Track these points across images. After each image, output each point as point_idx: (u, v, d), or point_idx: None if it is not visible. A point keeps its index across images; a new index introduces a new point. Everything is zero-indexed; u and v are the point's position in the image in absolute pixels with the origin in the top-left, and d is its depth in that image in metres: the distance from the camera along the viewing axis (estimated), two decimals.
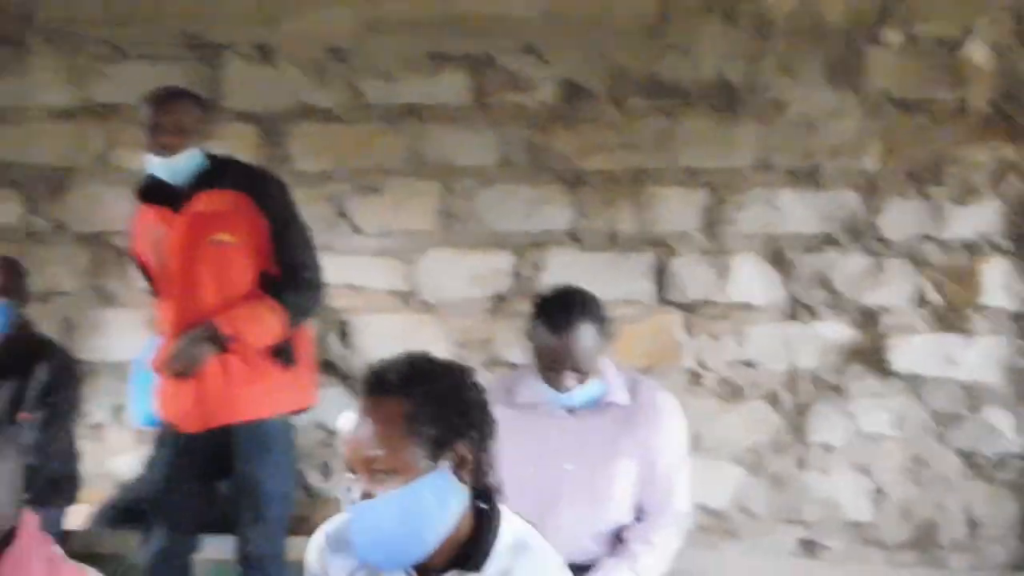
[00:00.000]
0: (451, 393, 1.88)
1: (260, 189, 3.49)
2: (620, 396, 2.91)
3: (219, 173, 3.48)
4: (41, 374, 3.68)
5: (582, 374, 2.80)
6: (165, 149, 3.39)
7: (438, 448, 1.84)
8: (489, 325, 4.64)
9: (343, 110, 4.73)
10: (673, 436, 2.99)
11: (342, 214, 4.74)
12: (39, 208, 4.96)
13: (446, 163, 4.67)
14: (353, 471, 1.87)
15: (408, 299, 4.70)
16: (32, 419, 3.59)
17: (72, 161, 4.92)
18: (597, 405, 2.89)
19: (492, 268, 4.63)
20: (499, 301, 4.65)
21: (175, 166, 3.43)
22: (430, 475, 1.83)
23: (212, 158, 3.53)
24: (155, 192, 3.50)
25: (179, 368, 3.32)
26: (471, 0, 4.63)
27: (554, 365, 2.78)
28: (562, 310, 2.81)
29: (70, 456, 3.91)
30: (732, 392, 4.53)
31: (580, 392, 2.83)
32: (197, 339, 3.35)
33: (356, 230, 4.73)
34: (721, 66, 4.50)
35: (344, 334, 4.72)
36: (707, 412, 4.50)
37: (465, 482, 1.88)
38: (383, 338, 4.69)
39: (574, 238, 4.59)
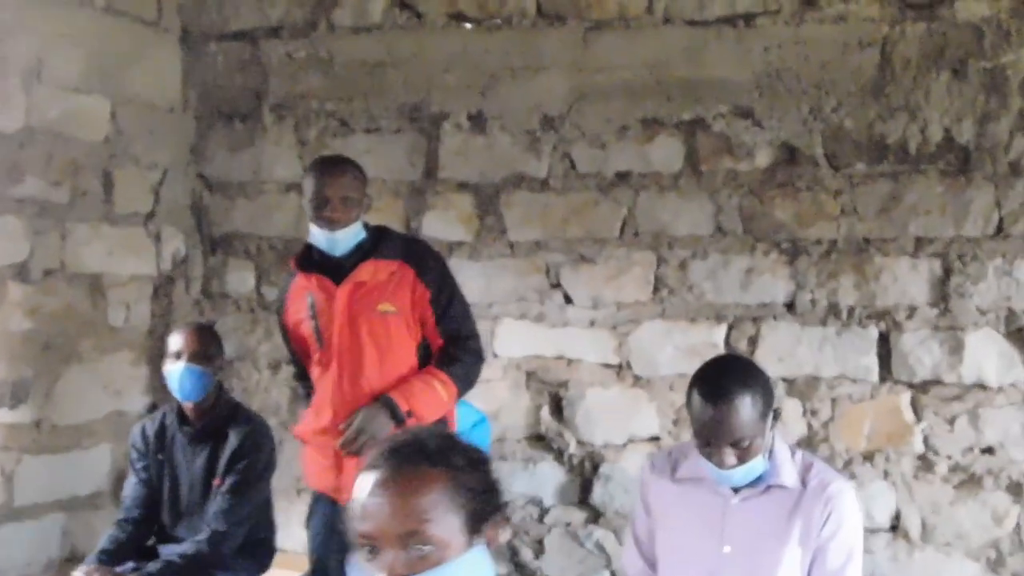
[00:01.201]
0: (482, 468, 1.82)
1: (420, 259, 3.60)
2: (789, 478, 2.80)
3: (379, 243, 3.59)
4: (233, 440, 3.80)
5: (742, 450, 2.71)
6: (332, 223, 3.49)
7: (476, 523, 1.77)
8: None
9: (556, 179, 4.82)
10: (846, 527, 2.83)
11: (555, 284, 4.83)
12: (270, 278, 5.30)
13: (660, 232, 4.67)
14: (372, 548, 1.73)
15: (620, 372, 4.73)
16: (224, 485, 3.77)
17: (301, 232, 5.22)
18: (764, 486, 2.82)
19: (705, 341, 4.59)
20: None
21: (339, 238, 3.52)
22: (469, 552, 1.75)
23: (370, 228, 3.64)
24: (315, 261, 3.60)
25: (360, 445, 3.38)
26: (684, 64, 4.63)
27: (711, 439, 2.70)
28: (718, 380, 2.72)
29: (263, 523, 4.02)
30: (968, 481, 4.29)
31: (742, 471, 2.75)
32: (375, 415, 3.41)
33: (569, 300, 4.80)
34: (951, 126, 4.29)
35: (557, 408, 4.80)
36: (939, 502, 4.31)
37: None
38: (596, 412, 4.75)
39: (792, 311, 4.49)
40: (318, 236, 3.53)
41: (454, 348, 3.60)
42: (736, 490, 2.83)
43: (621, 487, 4.68)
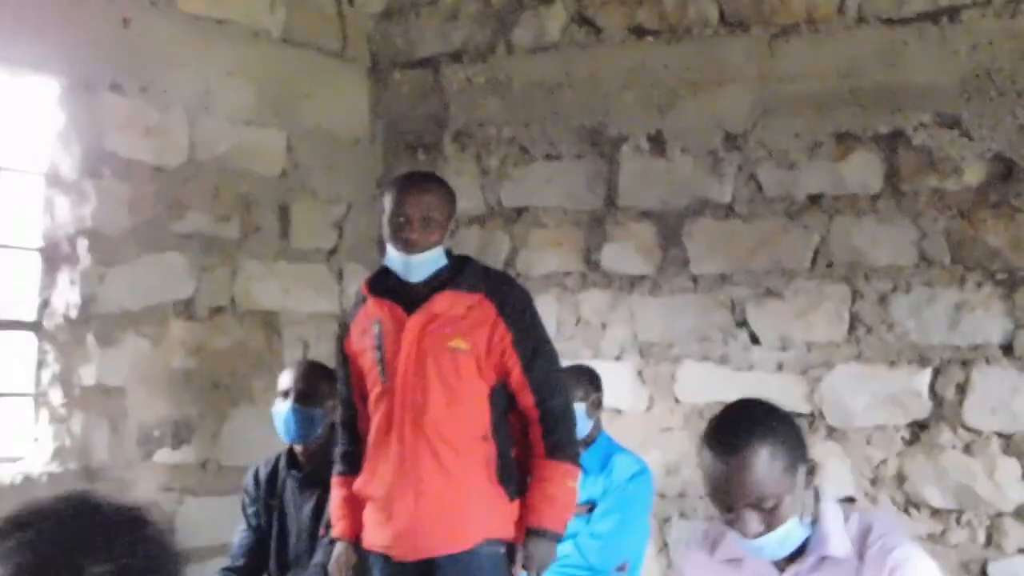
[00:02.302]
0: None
1: (505, 295, 3.29)
2: (838, 548, 2.33)
3: (460, 273, 3.30)
4: None
5: (767, 514, 2.26)
6: (409, 245, 3.22)
7: None
8: (904, 459, 4.08)
9: (741, 204, 4.45)
10: None
11: (741, 323, 4.44)
12: None
13: (856, 262, 4.21)
14: None
15: (813, 423, 4.28)
16: (328, 535, 3.60)
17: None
18: (814, 558, 2.36)
19: (908, 388, 4.07)
20: (918, 429, 4.07)
21: (416, 264, 3.25)
22: None
23: (452, 256, 3.37)
24: (388, 287, 3.35)
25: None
26: (880, 69, 4.17)
27: (725, 501, 2.29)
28: (729, 429, 2.30)
29: None
30: None
31: (774, 540, 2.29)
32: (548, 551, 3.30)
33: (755, 340, 4.40)
34: None
35: None
36: None
37: None
38: None
39: (1009, 354, 3.92)
40: (394, 259, 3.27)
41: (552, 421, 3.28)
42: (782, 568, 2.40)
43: None
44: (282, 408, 3.67)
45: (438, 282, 3.28)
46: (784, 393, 4.32)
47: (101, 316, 4.45)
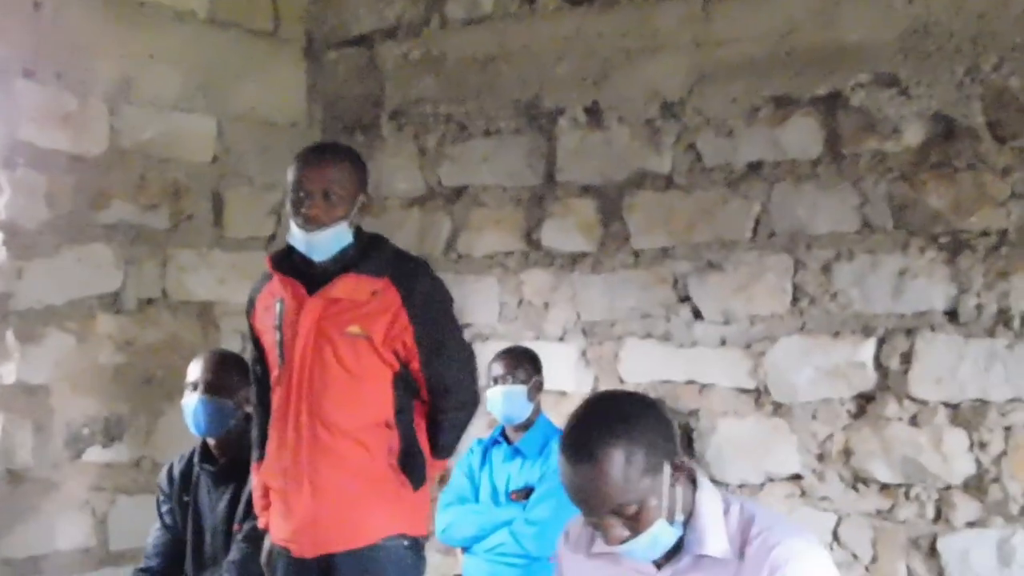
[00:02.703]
0: None
1: (411, 282, 3.09)
2: (715, 546, 2.17)
3: (367, 254, 3.11)
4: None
5: (631, 519, 2.10)
6: (309, 221, 3.00)
7: None
8: (850, 434, 3.94)
9: (680, 175, 4.30)
10: None
11: (684, 298, 4.30)
12: None
13: (797, 231, 4.06)
14: None
15: (759, 399, 4.14)
16: (242, 532, 3.45)
17: (423, 249, 4.93)
18: (691, 557, 2.19)
19: (852, 360, 3.92)
20: (863, 402, 3.93)
21: (317, 242, 3.04)
22: None
23: (362, 236, 3.16)
24: (294, 264, 3.13)
25: None
26: (815, 29, 4.01)
27: (584, 508, 2.12)
28: (583, 434, 2.12)
29: None
30: None
31: (642, 544, 2.13)
32: None
33: (697, 315, 4.26)
34: None
35: (688, 441, 4.24)
36: None
37: None
38: (730, 446, 4.18)
39: (954, 320, 3.77)
40: (296, 236, 3.06)
41: (442, 422, 3.15)
42: (660, 565, 2.23)
43: None
44: (191, 400, 3.53)
45: (344, 263, 3.08)
46: (728, 369, 4.19)
47: (20, 312, 4.30)
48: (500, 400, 4.08)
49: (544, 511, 3.92)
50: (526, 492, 4.02)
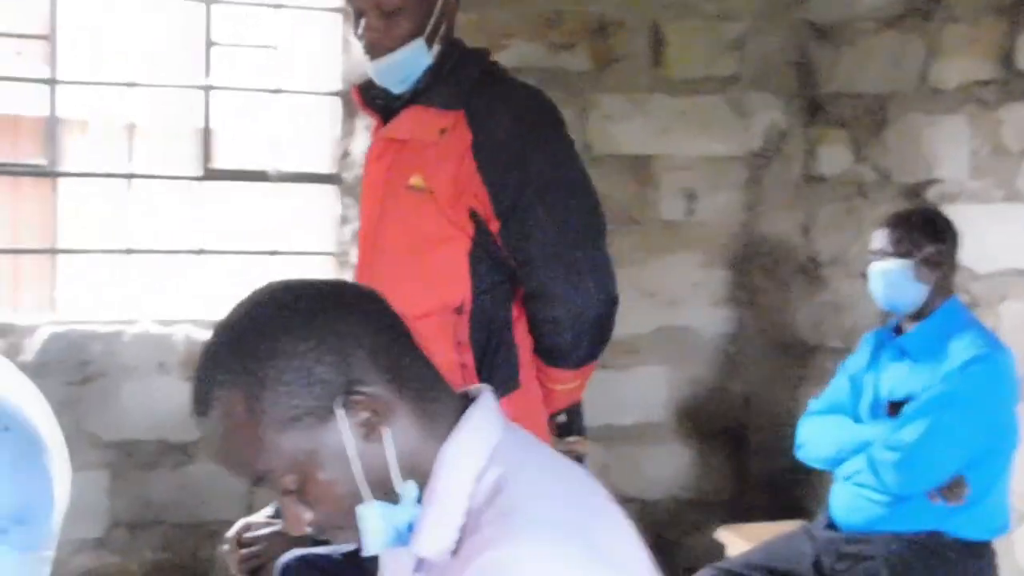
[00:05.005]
0: None
1: (490, 114, 2.26)
2: (428, 546, 1.33)
3: (439, 79, 2.32)
4: None
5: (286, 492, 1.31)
6: (370, 47, 2.30)
7: None
8: None
9: None
10: None
11: None
12: (863, 152, 4.12)
13: None
14: None
15: None
16: None
17: (892, 86, 3.95)
18: (413, 560, 1.32)
19: None
20: None
21: (386, 70, 2.32)
22: None
23: (450, 53, 2.35)
24: (379, 91, 2.41)
25: None
26: None
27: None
28: (199, 370, 1.33)
29: None
30: None
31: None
32: None
33: None
34: None
35: None
36: None
37: None
38: None
39: None
40: (367, 65, 2.36)
41: (544, 314, 2.30)
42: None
43: None
44: None
45: (419, 91, 2.32)
46: None
47: None
48: (879, 281, 3.07)
49: (911, 434, 2.88)
50: (898, 405, 3.00)
